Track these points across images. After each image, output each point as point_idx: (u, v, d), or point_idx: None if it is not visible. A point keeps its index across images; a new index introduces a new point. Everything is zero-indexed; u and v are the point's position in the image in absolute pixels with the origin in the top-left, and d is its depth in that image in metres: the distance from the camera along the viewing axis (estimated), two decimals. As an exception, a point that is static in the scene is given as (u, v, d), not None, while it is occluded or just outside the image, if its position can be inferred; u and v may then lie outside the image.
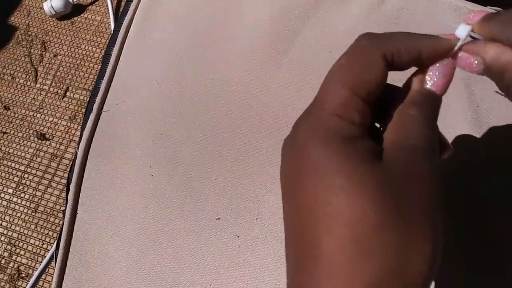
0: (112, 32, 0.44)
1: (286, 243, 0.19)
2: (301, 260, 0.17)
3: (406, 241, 0.16)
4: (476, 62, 0.19)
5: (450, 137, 0.32)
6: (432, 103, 0.20)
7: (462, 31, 0.20)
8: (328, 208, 0.16)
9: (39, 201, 0.82)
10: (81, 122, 0.40)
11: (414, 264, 0.16)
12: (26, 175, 0.85)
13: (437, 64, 0.20)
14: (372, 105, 0.19)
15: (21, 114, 0.89)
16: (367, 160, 0.17)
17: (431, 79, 0.20)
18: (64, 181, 0.82)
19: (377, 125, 0.22)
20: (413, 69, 0.21)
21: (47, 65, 0.92)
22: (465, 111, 0.33)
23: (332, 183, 0.16)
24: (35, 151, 0.86)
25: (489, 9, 0.35)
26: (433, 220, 0.16)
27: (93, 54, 0.92)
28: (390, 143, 0.18)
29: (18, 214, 0.82)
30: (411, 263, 0.15)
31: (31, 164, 0.85)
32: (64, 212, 0.36)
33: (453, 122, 0.33)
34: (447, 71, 0.20)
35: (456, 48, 0.20)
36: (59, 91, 0.89)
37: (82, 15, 0.95)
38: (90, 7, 0.96)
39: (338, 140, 0.17)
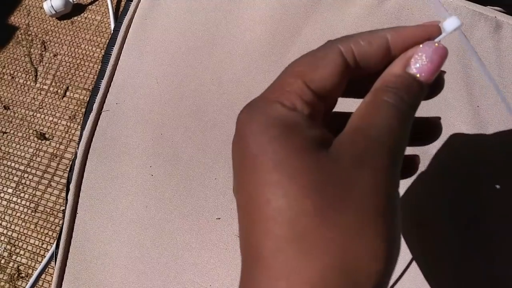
0: (112, 31, 0.44)
1: (240, 245, 0.17)
2: (246, 262, 0.16)
3: (353, 238, 0.14)
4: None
5: (448, 138, 0.32)
6: (412, 92, 0.17)
7: (450, 24, 0.18)
8: (266, 207, 0.15)
9: (39, 201, 0.82)
10: (81, 121, 0.40)
11: (363, 263, 0.14)
12: (26, 175, 0.85)
13: (424, 47, 0.17)
14: (328, 104, 0.18)
15: (21, 114, 0.89)
16: (308, 149, 0.15)
17: (416, 63, 0.17)
18: (64, 180, 0.82)
19: None
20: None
21: (47, 64, 0.92)
22: (465, 110, 0.33)
23: (269, 178, 0.15)
24: (35, 150, 0.86)
25: (489, 9, 0.35)
26: (385, 219, 0.15)
27: (93, 54, 0.91)
28: (348, 131, 0.16)
29: (18, 214, 0.82)
30: (360, 262, 0.14)
31: (31, 164, 0.85)
32: (64, 211, 0.36)
33: (452, 122, 0.33)
34: (435, 56, 0.17)
35: (438, 39, 0.17)
36: (59, 90, 0.89)
37: (82, 14, 0.95)
38: (90, 6, 0.95)
39: (276, 127, 0.16)
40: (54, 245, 0.69)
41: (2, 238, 0.81)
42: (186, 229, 0.33)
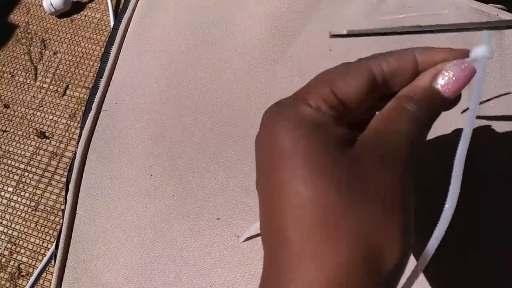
0: (111, 30, 0.44)
1: (261, 234, 0.19)
2: (273, 249, 0.17)
3: (374, 227, 0.16)
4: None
5: (449, 137, 0.32)
6: (434, 105, 0.19)
7: (479, 52, 0.18)
8: (296, 198, 0.16)
9: (39, 200, 0.82)
10: (81, 120, 0.40)
11: (384, 250, 0.16)
12: (26, 174, 0.84)
13: (453, 65, 0.18)
14: (352, 116, 0.19)
15: (20, 112, 0.89)
16: (336, 146, 0.17)
17: (443, 79, 0.18)
18: (64, 179, 0.82)
19: None
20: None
21: (46, 63, 0.92)
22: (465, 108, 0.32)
23: (299, 172, 0.16)
24: (35, 149, 0.86)
25: (491, 7, 0.35)
26: (402, 212, 0.17)
27: (93, 52, 0.91)
28: (372, 132, 0.18)
29: (18, 213, 0.82)
30: (381, 249, 0.16)
31: (31, 163, 0.85)
32: (63, 211, 0.36)
33: (452, 122, 0.32)
34: (462, 75, 0.18)
35: (468, 60, 0.18)
36: (59, 89, 0.89)
37: (81, 12, 0.95)
38: (89, 4, 0.95)
39: (306, 126, 0.17)
40: (54, 244, 0.69)
41: (3, 237, 0.81)
42: (186, 229, 0.33)
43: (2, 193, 0.84)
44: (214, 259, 0.32)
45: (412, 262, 0.17)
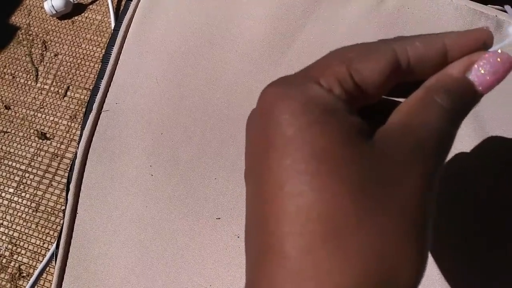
0: (112, 31, 0.44)
1: (246, 234, 0.16)
2: (262, 257, 0.14)
3: (391, 244, 0.13)
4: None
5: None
6: (466, 99, 0.16)
7: None
8: (297, 200, 0.13)
9: (40, 201, 0.82)
10: (81, 121, 0.40)
11: (400, 272, 0.13)
12: (27, 175, 0.85)
13: (491, 56, 0.16)
14: (366, 100, 0.16)
15: (22, 114, 0.89)
16: (351, 138, 0.14)
17: (478, 71, 0.16)
18: (64, 180, 0.82)
19: None
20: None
21: (47, 64, 0.92)
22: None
23: (304, 168, 0.13)
24: (36, 150, 0.86)
25: (490, 8, 0.35)
26: (424, 228, 0.14)
27: (94, 54, 0.91)
28: (395, 125, 0.15)
29: (19, 214, 0.82)
30: (397, 271, 0.13)
31: (32, 164, 0.85)
32: (64, 211, 0.36)
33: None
34: (501, 68, 0.15)
35: (502, 44, 0.16)
36: (60, 90, 0.89)
37: (82, 14, 0.95)
38: (90, 6, 0.95)
39: (316, 111, 0.14)
40: (54, 245, 0.69)
41: (4, 237, 0.81)
42: (186, 229, 0.33)
43: (3, 194, 0.84)
44: (214, 259, 0.32)
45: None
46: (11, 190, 0.84)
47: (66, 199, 0.36)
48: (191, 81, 0.37)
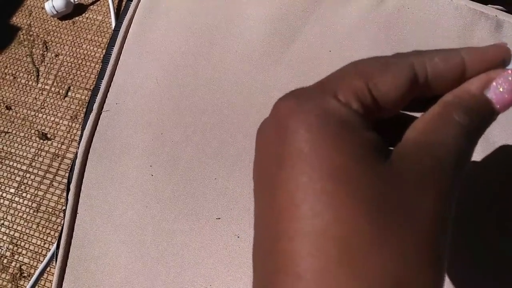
0: (112, 31, 0.44)
1: (254, 250, 0.15)
2: (274, 277, 0.14)
3: (407, 268, 0.13)
4: None
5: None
6: (484, 117, 0.16)
7: None
8: (313, 220, 0.13)
9: (40, 201, 0.83)
10: (82, 121, 0.40)
11: None
12: (27, 175, 0.85)
13: (509, 75, 0.15)
14: (383, 115, 0.16)
15: (22, 114, 0.89)
16: (369, 157, 0.14)
17: (496, 89, 0.15)
18: (65, 181, 0.82)
19: None
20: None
21: (48, 65, 0.92)
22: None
23: (320, 186, 0.13)
24: (36, 150, 0.86)
25: (490, 8, 0.35)
26: (441, 251, 0.14)
27: (95, 54, 0.92)
28: (411, 143, 0.15)
29: (20, 214, 0.82)
30: None
31: (33, 164, 0.85)
32: (64, 211, 0.36)
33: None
34: None
35: None
36: (61, 90, 0.89)
37: (83, 15, 0.95)
38: (91, 6, 0.96)
39: (333, 125, 0.14)
40: (55, 245, 0.69)
41: (5, 238, 0.81)
42: (186, 229, 0.33)
43: (4, 195, 0.84)
44: (214, 259, 0.32)
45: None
46: (12, 190, 0.84)
47: (67, 199, 0.36)
48: (191, 81, 0.37)
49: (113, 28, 0.90)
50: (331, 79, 0.16)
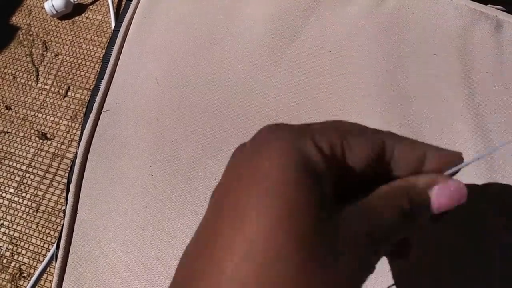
0: (112, 31, 0.44)
1: (187, 251, 0.16)
2: (193, 283, 0.15)
3: None
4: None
5: (448, 138, 0.32)
6: (421, 210, 0.18)
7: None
8: (246, 245, 0.14)
9: (40, 201, 0.82)
10: (82, 121, 0.40)
11: None
12: (27, 175, 0.85)
13: (452, 184, 0.18)
14: (346, 174, 0.17)
15: (22, 114, 0.89)
16: (320, 208, 0.15)
17: (438, 190, 0.18)
18: (65, 181, 0.82)
19: None
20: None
21: (48, 64, 0.92)
22: (465, 110, 0.32)
23: (271, 218, 0.14)
24: (36, 150, 0.86)
25: (490, 8, 0.35)
26: None
27: (94, 54, 0.92)
28: (357, 208, 0.16)
29: (20, 214, 0.82)
30: None
31: (33, 164, 0.85)
32: (64, 212, 0.36)
33: (451, 123, 0.32)
34: (456, 196, 0.18)
35: (464, 164, 0.18)
36: (60, 90, 0.89)
37: (83, 14, 0.95)
38: (91, 6, 0.95)
39: (300, 164, 0.15)
40: (54, 245, 0.69)
41: (4, 238, 0.81)
42: (186, 229, 0.33)
43: (4, 195, 0.84)
44: (214, 259, 0.32)
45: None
46: (11, 190, 0.84)
47: (66, 199, 0.36)
48: (191, 81, 0.37)
49: (112, 28, 0.90)
50: (314, 126, 0.17)
